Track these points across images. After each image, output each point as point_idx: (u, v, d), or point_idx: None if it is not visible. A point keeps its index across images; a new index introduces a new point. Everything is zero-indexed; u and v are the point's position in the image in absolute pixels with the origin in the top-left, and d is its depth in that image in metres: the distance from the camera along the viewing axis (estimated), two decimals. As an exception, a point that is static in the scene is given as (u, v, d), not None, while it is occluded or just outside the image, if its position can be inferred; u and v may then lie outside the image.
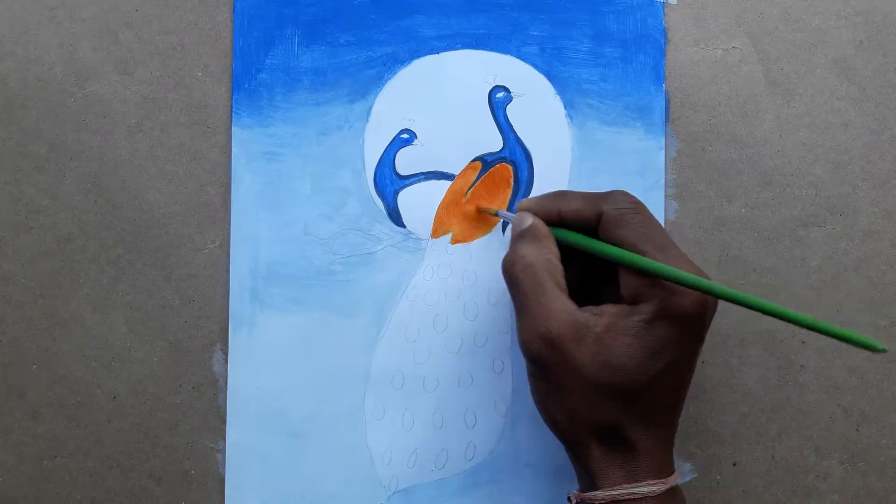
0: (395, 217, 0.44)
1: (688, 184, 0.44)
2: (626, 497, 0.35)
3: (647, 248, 0.35)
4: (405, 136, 0.44)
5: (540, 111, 0.44)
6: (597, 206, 0.37)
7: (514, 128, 0.44)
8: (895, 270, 0.44)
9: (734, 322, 0.43)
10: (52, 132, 0.44)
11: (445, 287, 0.44)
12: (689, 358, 0.36)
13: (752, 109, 0.44)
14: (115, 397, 0.44)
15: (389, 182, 0.44)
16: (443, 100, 0.44)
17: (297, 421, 0.43)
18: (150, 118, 0.44)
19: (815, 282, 0.43)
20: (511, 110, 0.44)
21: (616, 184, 0.43)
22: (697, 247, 0.43)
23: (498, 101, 0.44)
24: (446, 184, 0.44)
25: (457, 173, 0.44)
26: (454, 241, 0.44)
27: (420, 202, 0.44)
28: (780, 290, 0.43)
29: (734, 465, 0.43)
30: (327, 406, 0.43)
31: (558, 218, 0.38)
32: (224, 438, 0.43)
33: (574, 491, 0.37)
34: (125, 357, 0.44)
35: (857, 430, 0.43)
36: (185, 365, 0.44)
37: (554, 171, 0.44)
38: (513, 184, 0.44)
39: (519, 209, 0.39)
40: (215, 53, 0.44)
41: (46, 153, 0.44)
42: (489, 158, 0.44)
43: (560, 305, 0.35)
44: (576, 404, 0.35)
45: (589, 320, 0.35)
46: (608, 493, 0.35)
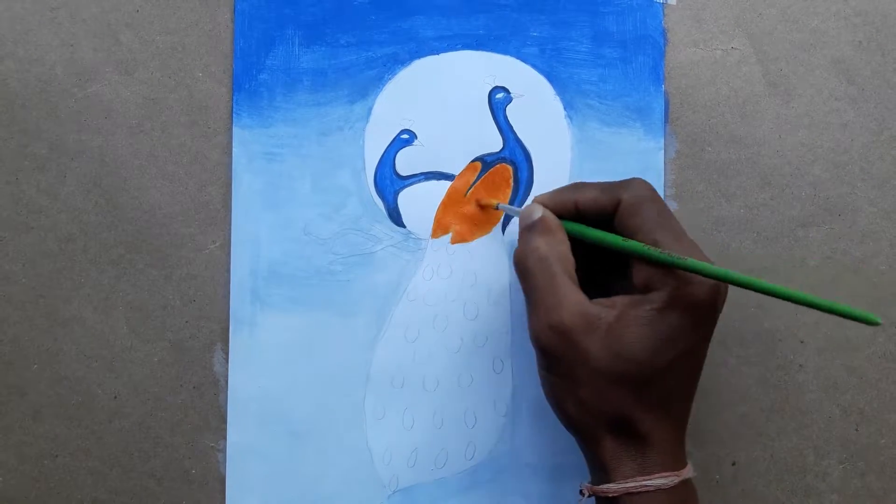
0: (395, 217, 0.44)
1: (687, 184, 0.44)
2: (638, 490, 0.35)
3: (663, 236, 0.35)
4: (405, 136, 0.44)
5: (540, 112, 0.44)
6: (615, 195, 0.37)
7: (514, 128, 0.44)
8: (895, 270, 0.44)
9: (734, 322, 0.44)
10: (53, 132, 0.44)
11: (445, 287, 0.44)
12: (701, 347, 0.36)
13: (751, 110, 0.44)
14: (115, 397, 0.44)
15: (389, 182, 0.44)
16: (443, 100, 0.44)
17: (298, 421, 0.43)
18: (150, 118, 0.44)
19: (814, 282, 0.43)
20: (511, 111, 0.44)
21: (616, 184, 0.43)
22: (697, 247, 0.44)
23: (498, 101, 0.44)
24: (446, 184, 0.44)
25: (457, 173, 0.44)
26: (454, 241, 0.44)
27: (420, 202, 0.44)
28: (779, 290, 0.43)
29: (733, 464, 0.43)
30: (327, 406, 0.43)
31: (574, 208, 0.38)
32: (224, 438, 0.43)
33: (586, 483, 0.37)
34: (126, 357, 0.44)
35: (856, 430, 0.43)
36: (186, 365, 0.44)
37: (554, 172, 0.44)
38: (512, 184, 0.44)
39: (535, 202, 0.39)
40: (216, 54, 0.44)
41: (47, 153, 0.44)
42: (489, 159, 0.44)
43: (571, 297, 0.35)
44: (587, 396, 0.35)
45: (601, 312, 0.35)
46: (621, 485, 0.35)
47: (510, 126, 0.44)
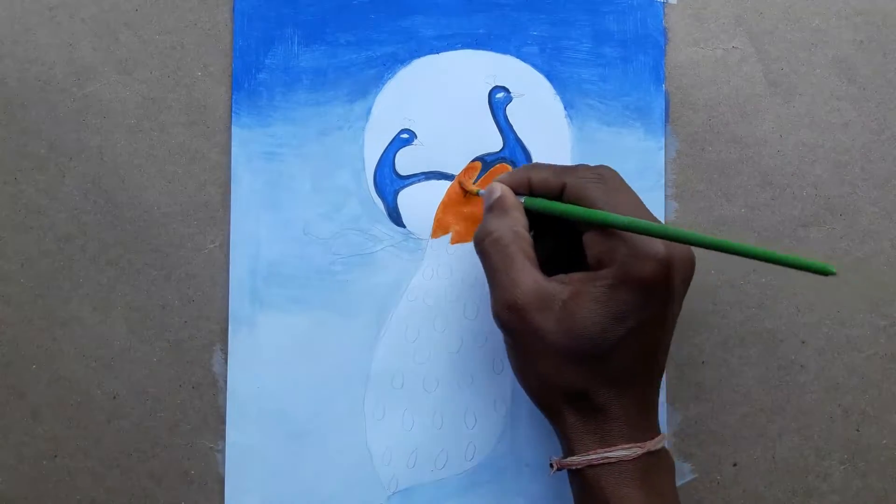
0: (395, 217, 0.44)
1: (688, 184, 0.44)
2: (601, 461, 0.35)
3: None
4: (405, 136, 0.44)
5: (540, 111, 0.44)
6: (561, 178, 0.38)
7: (514, 128, 0.44)
8: (895, 270, 0.44)
9: (734, 322, 0.43)
10: (52, 132, 0.44)
11: (445, 287, 0.44)
12: (659, 322, 0.36)
13: (752, 109, 0.44)
14: (114, 397, 0.44)
15: (389, 182, 0.44)
16: (443, 100, 0.44)
17: (297, 421, 0.43)
18: (149, 118, 0.44)
19: (814, 282, 0.43)
20: (511, 110, 0.44)
21: (616, 184, 0.43)
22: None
23: (498, 101, 0.44)
24: (446, 184, 0.44)
25: (457, 173, 0.44)
26: (454, 241, 0.44)
27: (420, 202, 0.44)
28: (779, 289, 0.43)
29: (734, 465, 0.43)
30: (327, 406, 0.43)
31: (528, 187, 0.39)
32: (224, 438, 0.43)
33: (555, 458, 0.38)
34: (125, 357, 0.44)
35: (858, 431, 0.43)
36: (185, 365, 0.44)
37: (554, 171, 0.44)
38: (513, 184, 0.44)
39: (495, 181, 0.40)
40: (215, 53, 0.44)
41: (46, 153, 0.44)
42: (489, 158, 0.44)
43: (526, 276, 0.36)
44: (545, 370, 0.36)
45: (555, 289, 0.36)
46: (583, 457, 0.36)
47: (510, 125, 0.44)
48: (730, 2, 0.44)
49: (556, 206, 0.38)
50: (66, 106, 0.44)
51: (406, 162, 0.44)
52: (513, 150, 0.44)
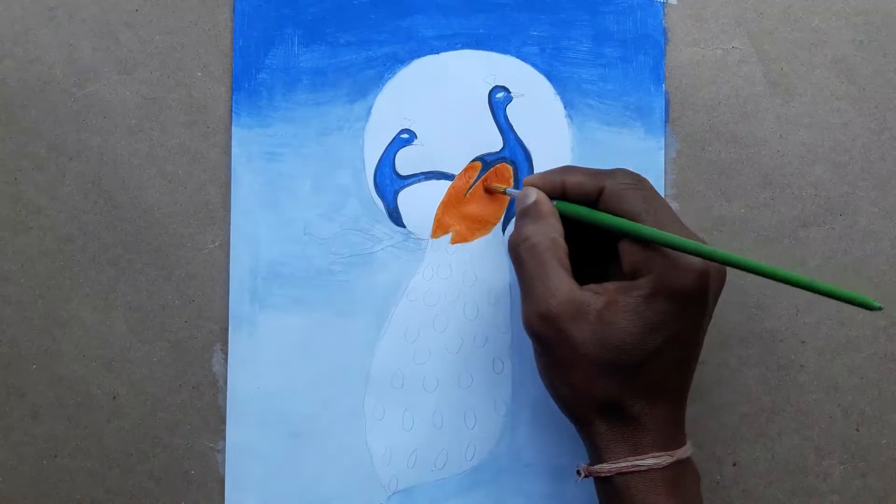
0: (395, 217, 0.44)
1: (688, 184, 0.44)
2: (631, 469, 0.35)
3: (645, 222, 0.35)
4: (405, 136, 0.44)
5: (540, 111, 0.44)
6: (599, 181, 0.37)
7: (514, 128, 0.44)
8: (895, 270, 0.44)
9: (734, 322, 0.43)
10: (52, 132, 0.44)
11: (445, 287, 0.44)
12: (693, 333, 0.36)
13: (752, 109, 0.44)
14: (114, 397, 0.44)
15: (389, 182, 0.44)
16: (443, 100, 0.44)
17: (297, 421, 0.43)
18: (149, 118, 0.44)
19: (815, 282, 0.43)
20: (511, 110, 0.44)
21: (616, 184, 0.43)
22: (697, 247, 0.43)
23: (498, 101, 0.44)
24: (446, 184, 0.44)
25: (457, 173, 0.44)
26: (454, 241, 0.44)
27: (420, 202, 0.44)
28: (780, 289, 0.43)
29: (734, 465, 0.43)
30: (327, 406, 0.43)
31: (562, 190, 0.38)
32: (224, 438, 0.43)
33: (583, 465, 0.37)
34: (125, 357, 0.44)
35: (857, 431, 0.43)
36: (185, 365, 0.44)
37: (554, 171, 0.44)
38: (513, 184, 0.44)
39: (525, 184, 0.39)
40: (215, 53, 0.44)
41: (46, 153, 0.44)
42: (489, 158, 0.44)
43: (561, 285, 0.36)
44: (578, 381, 0.36)
45: (589, 298, 0.35)
46: (613, 465, 0.35)
47: (510, 125, 0.44)
48: (730, 2, 0.44)
49: (595, 215, 0.37)
50: (66, 106, 0.44)
51: (406, 162, 0.44)
52: (513, 150, 0.44)
